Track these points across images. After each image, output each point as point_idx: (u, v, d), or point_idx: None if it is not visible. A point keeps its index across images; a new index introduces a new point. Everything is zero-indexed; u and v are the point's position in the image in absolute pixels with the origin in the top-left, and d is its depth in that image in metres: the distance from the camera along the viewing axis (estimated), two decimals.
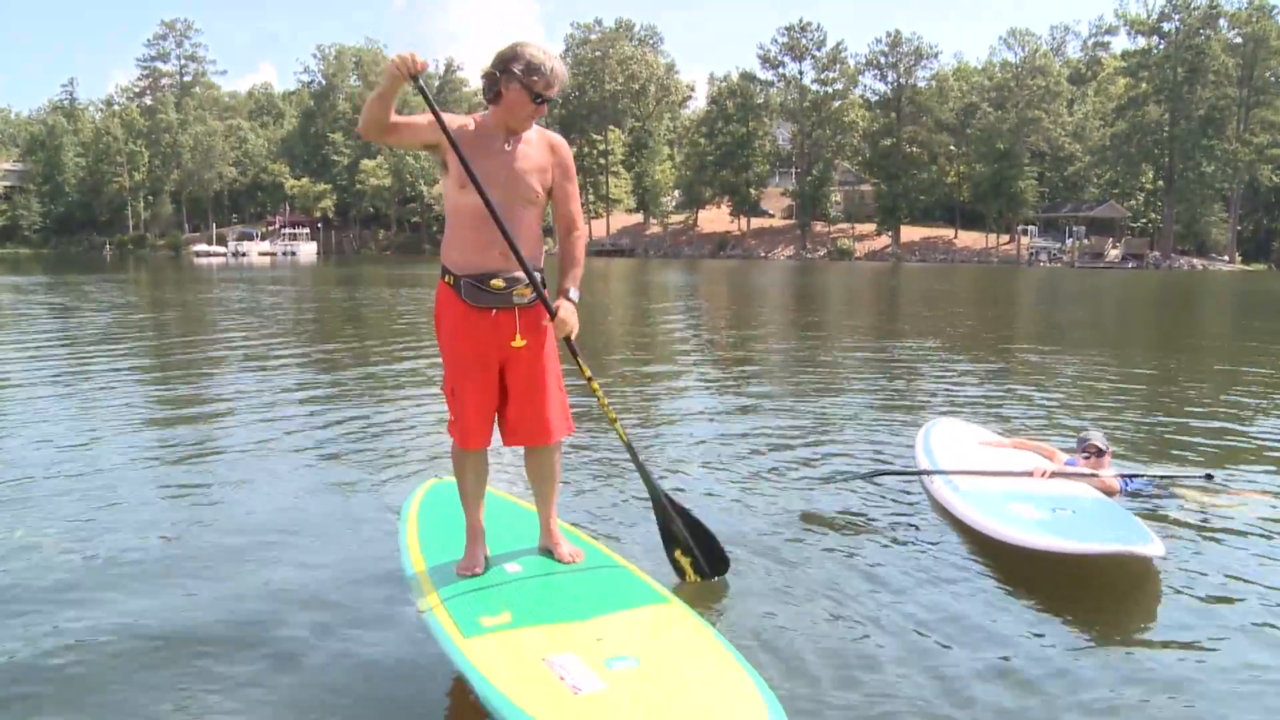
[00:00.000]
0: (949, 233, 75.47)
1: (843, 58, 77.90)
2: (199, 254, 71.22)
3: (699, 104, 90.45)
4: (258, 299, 23.02)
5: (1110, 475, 4.99)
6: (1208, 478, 5.06)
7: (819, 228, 78.03)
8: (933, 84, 76.83)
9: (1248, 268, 63.37)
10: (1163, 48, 66.78)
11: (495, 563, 3.49)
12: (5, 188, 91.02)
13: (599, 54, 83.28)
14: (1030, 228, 70.04)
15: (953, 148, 76.03)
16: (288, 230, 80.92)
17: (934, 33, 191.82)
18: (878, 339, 14.65)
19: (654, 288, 30.44)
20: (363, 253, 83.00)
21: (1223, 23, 65.55)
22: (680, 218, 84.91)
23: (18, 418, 7.18)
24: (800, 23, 78.13)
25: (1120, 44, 76.27)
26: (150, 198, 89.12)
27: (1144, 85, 67.34)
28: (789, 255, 75.25)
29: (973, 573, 3.99)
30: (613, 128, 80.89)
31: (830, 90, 78.25)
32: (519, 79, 3.24)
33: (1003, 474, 4.97)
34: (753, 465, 5.81)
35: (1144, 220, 71.10)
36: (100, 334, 13.95)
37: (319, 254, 76.48)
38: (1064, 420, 7.33)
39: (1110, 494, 4.82)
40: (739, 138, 77.52)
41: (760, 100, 79.29)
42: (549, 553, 3.58)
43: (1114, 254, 64.73)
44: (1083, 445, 5.20)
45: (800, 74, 79.28)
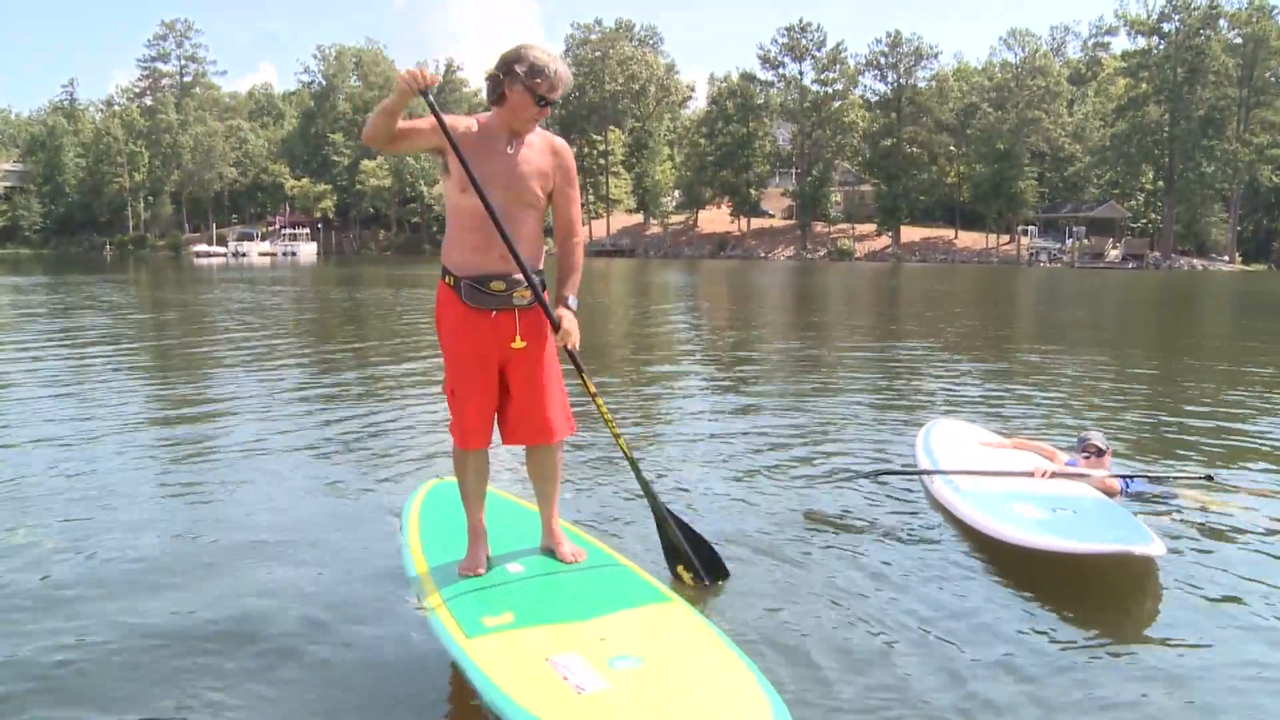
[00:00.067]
0: (949, 233, 75.47)
1: (843, 58, 77.91)
2: (199, 254, 71.23)
3: (699, 104, 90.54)
4: (258, 299, 23.03)
5: (1111, 476, 5.00)
6: (1208, 479, 5.07)
7: (819, 228, 78.03)
8: (933, 84, 76.84)
9: (1248, 268, 63.38)
10: (1163, 48, 66.79)
11: (497, 563, 3.50)
12: (5, 188, 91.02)
13: (599, 54, 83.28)
14: (1030, 228, 70.04)
15: (953, 148, 76.02)
16: (288, 231, 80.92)
17: (934, 33, 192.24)
18: (878, 339, 14.66)
19: (654, 288, 30.45)
20: (363, 253, 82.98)
21: (1223, 23, 65.57)
22: (680, 218, 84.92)
23: (18, 418, 7.18)
24: (800, 23, 78.19)
25: (1120, 44, 76.43)
26: (150, 198, 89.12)
27: (1144, 85, 67.35)
28: (789, 256, 75.23)
29: (973, 572, 4.00)
30: (613, 128, 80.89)
31: (830, 90, 78.25)
32: (522, 81, 3.24)
33: (1003, 474, 4.97)
34: (753, 464, 5.82)
35: (1144, 220, 71.12)
36: (100, 334, 13.95)
37: (319, 254, 76.48)
38: (1064, 420, 7.34)
39: (1111, 494, 4.82)
40: (739, 138, 77.52)
41: (760, 100, 79.27)
42: (551, 552, 3.59)
43: (1114, 254, 64.75)
44: (1083, 445, 5.21)
45: (800, 74, 79.34)
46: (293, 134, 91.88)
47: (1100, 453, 5.14)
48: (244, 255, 71.23)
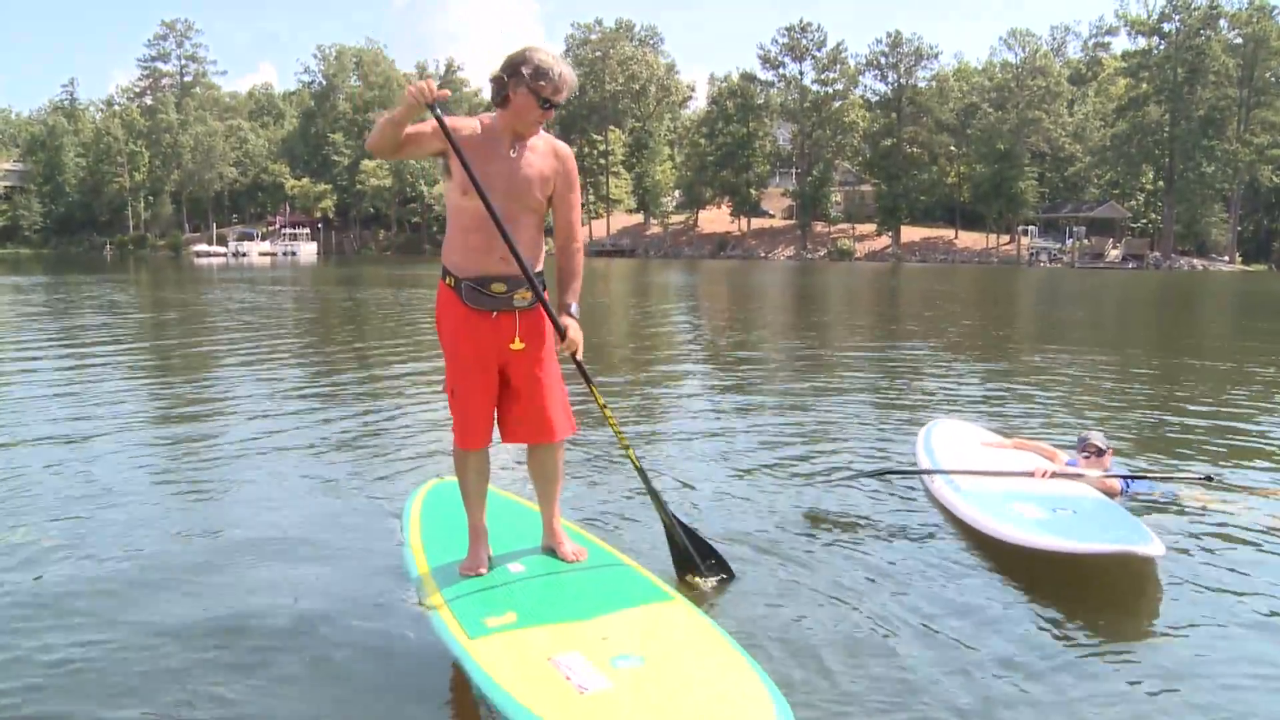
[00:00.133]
0: (949, 233, 75.48)
1: (843, 58, 77.92)
2: (199, 254, 71.22)
3: (699, 104, 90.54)
4: (258, 299, 23.03)
5: (1111, 476, 5.00)
6: (1208, 479, 5.08)
7: (819, 228, 78.04)
8: (933, 84, 76.86)
9: (1248, 268, 63.37)
10: (1163, 48, 66.80)
11: (498, 562, 3.50)
12: (6, 188, 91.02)
13: (599, 54, 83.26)
14: (1030, 228, 70.04)
15: (953, 148, 76.04)
16: (288, 230, 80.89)
17: (934, 33, 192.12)
18: (878, 339, 14.66)
19: (654, 288, 30.45)
20: (363, 253, 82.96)
21: (1223, 23, 65.58)
22: (680, 218, 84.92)
23: (18, 417, 7.19)
24: (800, 23, 78.21)
25: (1120, 44, 76.46)
26: (150, 198, 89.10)
27: (1144, 85, 67.35)
28: (789, 256, 75.24)
29: (973, 572, 4.01)
30: (613, 128, 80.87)
31: (830, 90, 78.26)
32: (527, 84, 3.24)
33: (1003, 474, 4.98)
34: (754, 464, 5.83)
35: (1144, 221, 71.12)
36: (100, 334, 13.96)
37: (319, 254, 76.46)
38: (1064, 420, 7.34)
39: (1111, 495, 4.83)
40: (739, 138, 77.52)
41: (760, 100, 79.28)
42: (552, 552, 3.60)
43: (1114, 254, 64.74)
44: (1083, 445, 5.21)
45: (800, 74, 79.35)
46: (293, 134, 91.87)
47: (1100, 452, 5.14)
48: (244, 255, 71.22)
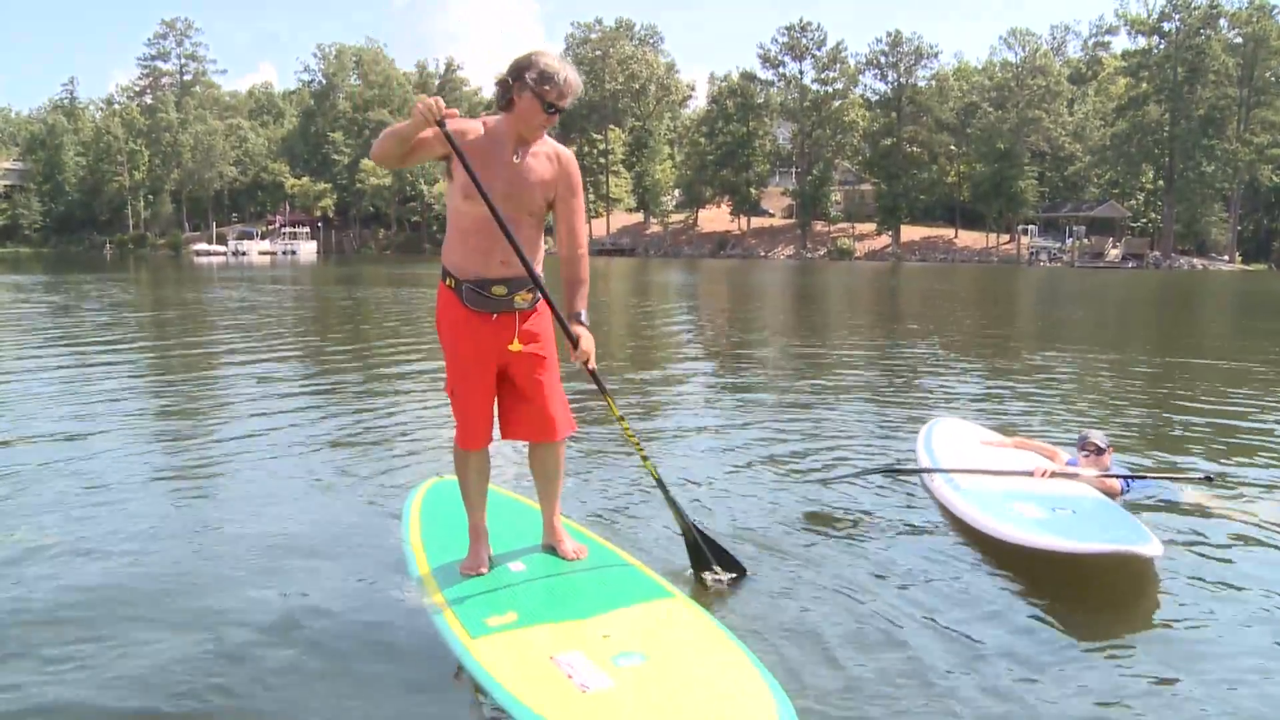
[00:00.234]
0: (949, 232, 75.46)
1: (843, 57, 77.90)
2: (199, 253, 71.18)
3: (699, 104, 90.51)
4: (258, 298, 23.03)
5: (1111, 475, 5.01)
6: (1208, 479, 5.08)
7: (819, 227, 78.02)
8: (933, 84, 76.82)
9: (1248, 268, 63.35)
10: (1163, 48, 66.77)
11: (499, 561, 3.51)
12: (5, 187, 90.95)
13: (599, 53, 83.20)
14: (1030, 227, 70.02)
15: (953, 147, 76.01)
16: (288, 229, 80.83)
17: (934, 33, 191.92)
18: (879, 338, 14.66)
19: (654, 287, 30.45)
20: (363, 252, 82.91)
21: (1223, 23, 65.52)
22: (680, 217, 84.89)
23: (18, 416, 7.19)
24: (800, 22, 78.19)
25: (1120, 44, 76.39)
26: (150, 197, 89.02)
27: (1144, 85, 67.32)
28: (789, 255, 75.23)
29: (973, 572, 4.01)
30: (613, 127, 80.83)
31: (830, 90, 78.23)
32: (531, 88, 3.24)
33: (1003, 473, 4.99)
34: (754, 463, 5.83)
35: (1144, 220, 71.09)
36: (100, 333, 13.96)
37: (319, 253, 76.41)
38: (1064, 420, 7.35)
39: (1111, 495, 4.83)
40: (739, 137, 77.51)
41: (760, 100, 79.26)
42: (552, 550, 3.61)
43: (1114, 254, 64.72)
44: (1082, 444, 5.22)
45: (800, 74, 79.33)
46: (293, 133, 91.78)
47: (1100, 451, 5.14)
48: (244, 254, 71.16)
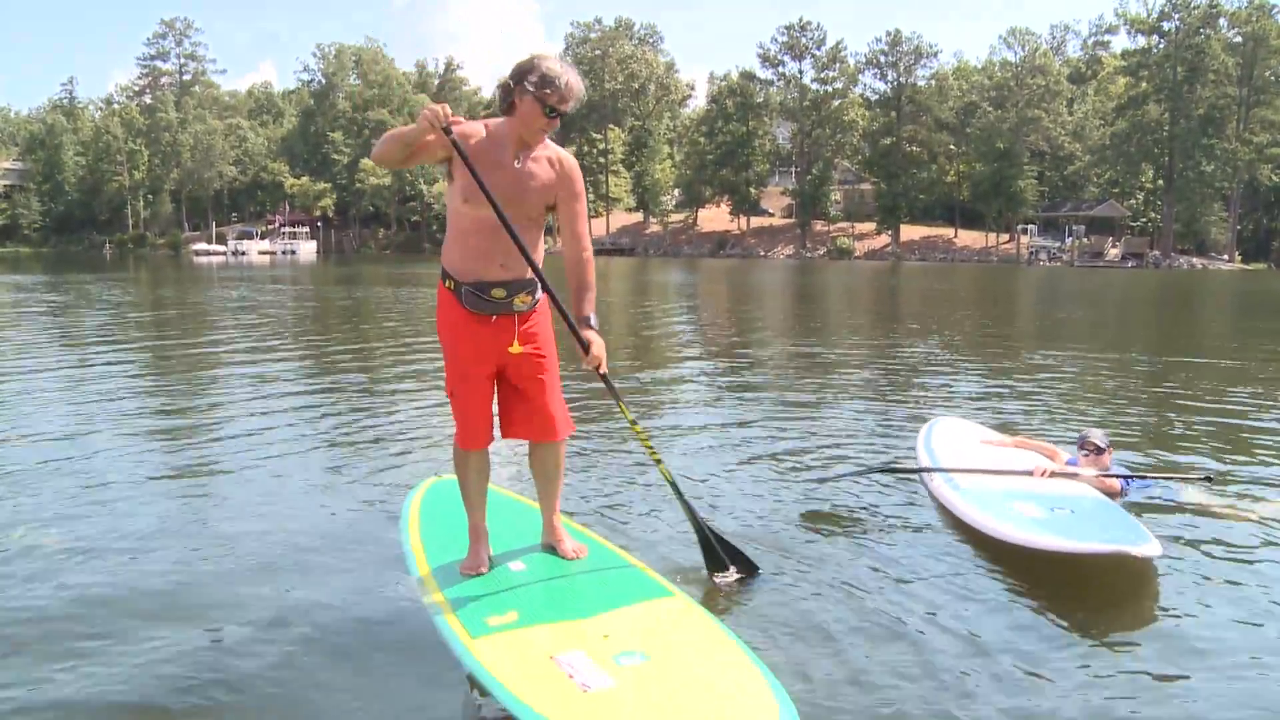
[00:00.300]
0: (949, 232, 75.42)
1: (842, 57, 77.85)
2: (199, 253, 71.14)
3: (699, 103, 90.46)
4: (257, 298, 23.03)
5: (1111, 475, 5.01)
6: (1208, 479, 5.09)
7: (819, 227, 77.98)
8: (932, 83, 76.77)
9: (1247, 267, 63.33)
10: (1163, 47, 66.74)
11: (499, 561, 3.51)
12: (5, 186, 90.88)
13: (599, 53, 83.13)
14: (1030, 227, 70.00)
15: (952, 147, 75.97)
16: (287, 229, 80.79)
17: (934, 32, 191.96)
18: (878, 338, 14.67)
19: (654, 287, 30.44)
20: (362, 251, 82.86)
21: (1223, 22, 65.49)
22: (680, 217, 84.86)
23: (18, 417, 7.19)
24: (800, 22, 78.15)
25: (1120, 43, 76.32)
26: (150, 197, 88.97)
27: (1144, 84, 67.30)
28: (789, 254, 75.20)
29: (973, 571, 4.02)
30: (613, 127, 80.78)
31: (830, 89, 78.19)
32: (532, 92, 3.24)
33: (1003, 473, 4.99)
34: (754, 462, 5.84)
35: (1144, 219, 71.05)
36: (100, 333, 13.96)
37: (319, 253, 76.36)
38: (1064, 419, 7.36)
39: (1111, 495, 4.84)
40: (739, 137, 77.49)
41: (760, 99, 79.22)
42: (552, 549, 3.61)
43: (1114, 253, 64.70)
44: (1082, 443, 5.22)
45: (800, 73, 79.29)
46: (292, 132, 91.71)
47: (1100, 450, 5.15)
48: (243, 254, 71.10)
